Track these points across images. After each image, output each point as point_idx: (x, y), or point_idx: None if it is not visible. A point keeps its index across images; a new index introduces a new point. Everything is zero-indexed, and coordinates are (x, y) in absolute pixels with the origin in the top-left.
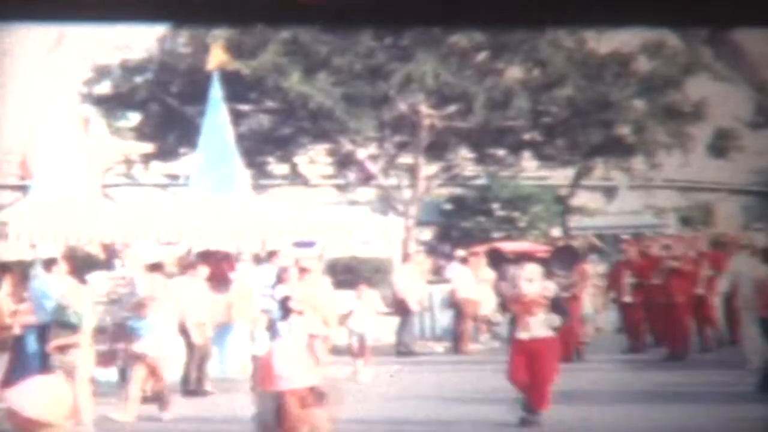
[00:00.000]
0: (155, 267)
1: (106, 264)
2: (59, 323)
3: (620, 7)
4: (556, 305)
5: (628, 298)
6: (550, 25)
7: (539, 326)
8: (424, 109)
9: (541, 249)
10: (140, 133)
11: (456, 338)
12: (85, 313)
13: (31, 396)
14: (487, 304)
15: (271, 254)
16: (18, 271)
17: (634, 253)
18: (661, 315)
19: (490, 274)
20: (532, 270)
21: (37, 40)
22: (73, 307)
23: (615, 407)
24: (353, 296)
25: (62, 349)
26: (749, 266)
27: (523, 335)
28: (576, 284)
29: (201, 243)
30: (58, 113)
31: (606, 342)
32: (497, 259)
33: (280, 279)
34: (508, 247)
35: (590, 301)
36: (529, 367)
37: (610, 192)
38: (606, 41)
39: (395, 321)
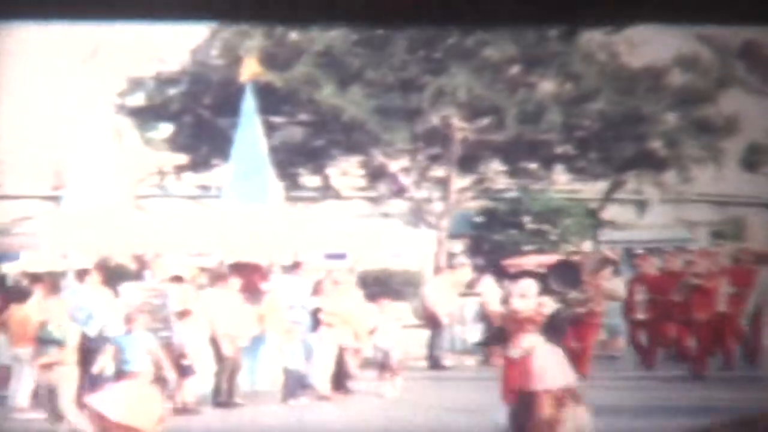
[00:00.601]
0: (176, 279)
1: (138, 275)
2: (42, 340)
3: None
4: (554, 323)
5: (641, 315)
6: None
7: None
8: (457, 122)
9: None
10: (173, 144)
11: (486, 352)
12: (69, 327)
13: (120, 401)
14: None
15: (296, 265)
16: (49, 282)
17: (648, 268)
18: (681, 332)
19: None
20: (526, 286)
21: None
22: (54, 322)
23: (632, 423)
24: (376, 311)
25: (47, 366)
26: None
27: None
28: (591, 299)
29: (233, 255)
30: (91, 124)
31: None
32: (500, 276)
33: (314, 291)
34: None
35: (620, 314)
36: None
37: (641, 206)
38: (639, 55)
39: (426, 334)
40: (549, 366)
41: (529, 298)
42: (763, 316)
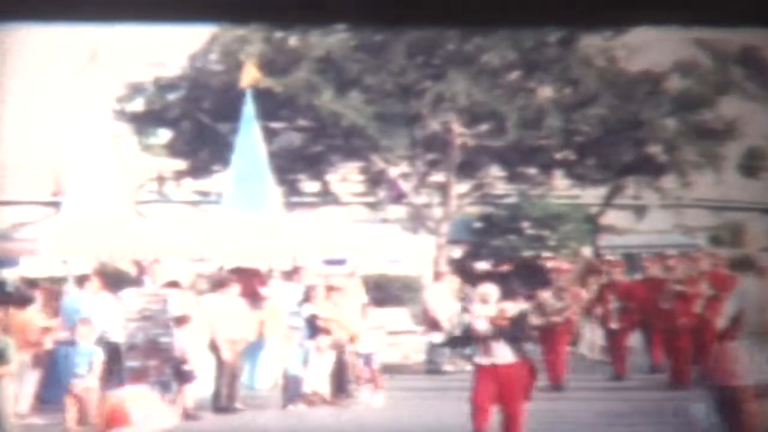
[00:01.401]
0: (173, 284)
1: (137, 281)
2: None
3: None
4: (517, 327)
5: (614, 324)
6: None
7: (502, 351)
8: (456, 127)
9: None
10: (172, 150)
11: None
12: (7, 340)
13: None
14: None
15: (296, 271)
16: (50, 287)
17: (617, 275)
18: (662, 340)
19: None
20: (487, 290)
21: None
22: None
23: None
24: (359, 317)
25: None
26: (757, 288)
27: (484, 361)
28: (569, 307)
29: (232, 260)
30: (91, 130)
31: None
32: (469, 278)
33: (307, 297)
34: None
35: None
36: (496, 395)
37: (640, 211)
38: (638, 60)
39: (424, 339)
40: (743, 362)
41: (490, 304)
42: (739, 323)
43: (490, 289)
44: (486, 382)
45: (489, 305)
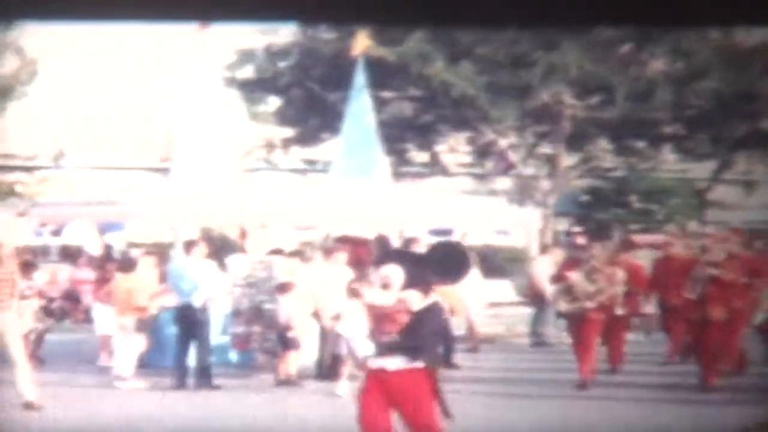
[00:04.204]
0: (277, 252)
1: (244, 248)
2: None
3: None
4: (418, 327)
5: (620, 310)
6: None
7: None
8: (567, 99)
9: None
10: (281, 117)
11: None
12: None
13: None
14: None
15: (410, 241)
16: (157, 253)
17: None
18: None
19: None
20: (390, 273)
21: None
22: None
23: None
24: (345, 295)
25: None
26: None
27: (374, 363)
28: (603, 291)
29: (339, 229)
30: (200, 96)
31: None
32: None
33: None
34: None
35: None
36: (388, 410)
37: (749, 186)
38: (753, 32)
39: (528, 311)
40: None
41: (393, 289)
42: None
43: (394, 272)
44: (375, 393)
45: (390, 292)
